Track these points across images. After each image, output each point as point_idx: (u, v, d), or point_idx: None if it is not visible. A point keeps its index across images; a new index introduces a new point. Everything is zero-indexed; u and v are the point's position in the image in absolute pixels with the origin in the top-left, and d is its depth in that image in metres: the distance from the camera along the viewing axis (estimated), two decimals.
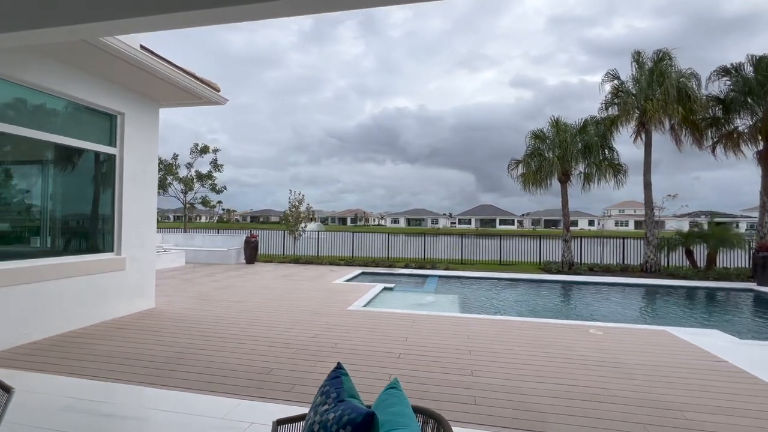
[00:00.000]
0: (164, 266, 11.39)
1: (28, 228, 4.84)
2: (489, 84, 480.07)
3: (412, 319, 5.84)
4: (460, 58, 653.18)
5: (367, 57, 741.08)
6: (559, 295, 9.00)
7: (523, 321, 5.82)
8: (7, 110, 4.47)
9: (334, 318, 5.83)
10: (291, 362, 3.98)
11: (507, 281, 10.41)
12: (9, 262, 4.36)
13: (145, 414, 2.84)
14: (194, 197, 18.47)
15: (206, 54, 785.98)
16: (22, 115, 4.64)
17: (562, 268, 12.41)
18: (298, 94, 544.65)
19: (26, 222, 4.82)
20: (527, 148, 13.84)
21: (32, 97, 4.74)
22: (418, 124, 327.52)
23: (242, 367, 3.82)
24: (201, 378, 3.54)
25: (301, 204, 16.97)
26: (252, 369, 3.78)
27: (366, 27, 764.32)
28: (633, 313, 7.37)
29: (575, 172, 13.56)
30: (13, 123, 4.49)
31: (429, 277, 10.80)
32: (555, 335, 5.10)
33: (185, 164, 17.82)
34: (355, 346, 4.55)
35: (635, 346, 4.72)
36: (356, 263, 13.15)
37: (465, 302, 7.75)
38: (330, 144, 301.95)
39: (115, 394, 3.18)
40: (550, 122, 13.41)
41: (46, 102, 4.89)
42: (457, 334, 5.11)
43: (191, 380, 3.49)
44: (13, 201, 4.74)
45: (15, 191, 4.74)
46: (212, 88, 6.54)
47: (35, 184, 4.92)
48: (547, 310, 7.45)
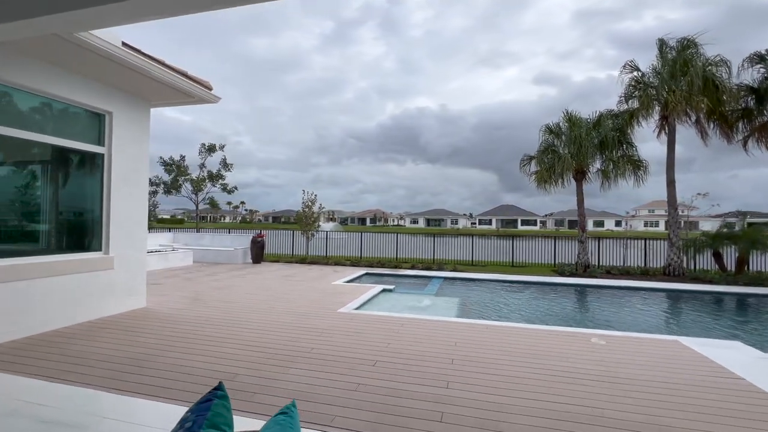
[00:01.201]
0: (171, 265, 11.54)
1: (12, 227, 4.85)
2: (511, 82, 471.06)
3: (400, 323, 5.56)
4: (482, 56, 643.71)
5: (388, 57, 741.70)
6: (567, 300, 8.48)
7: (518, 328, 5.43)
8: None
9: (321, 321, 5.63)
10: (261, 367, 3.80)
11: (514, 284, 9.94)
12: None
13: (85, 421, 2.70)
14: (205, 197, 18.83)
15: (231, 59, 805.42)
16: (6, 115, 4.67)
17: (576, 270, 11.79)
18: (320, 96, 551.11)
19: (10, 221, 4.84)
20: (540, 144, 13.25)
21: (16, 96, 4.76)
22: (439, 124, 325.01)
23: (207, 372, 3.66)
24: (159, 383, 3.40)
25: (313, 204, 17.03)
26: (217, 374, 3.61)
27: (386, 28, 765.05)
28: (646, 321, 6.81)
29: (592, 170, 12.89)
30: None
31: (433, 278, 10.47)
32: (552, 344, 4.71)
33: (198, 164, 18.20)
34: (333, 351, 4.33)
35: (640, 358, 4.28)
36: (362, 264, 12.94)
37: (464, 306, 7.39)
38: (351, 145, 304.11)
39: (65, 397, 3.07)
40: (564, 116, 12.78)
41: (30, 101, 4.91)
42: (444, 340, 4.80)
43: (149, 385, 3.35)
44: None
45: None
46: (204, 86, 6.47)
47: (20, 183, 4.94)
48: (551, 316, 6.99)
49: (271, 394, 3.22)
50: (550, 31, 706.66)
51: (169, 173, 18.13)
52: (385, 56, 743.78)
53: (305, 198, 16.50)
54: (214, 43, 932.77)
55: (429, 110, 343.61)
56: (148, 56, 5.42)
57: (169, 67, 5.79)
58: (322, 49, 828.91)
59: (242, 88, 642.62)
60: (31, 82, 4.77)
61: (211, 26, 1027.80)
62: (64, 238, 5.42)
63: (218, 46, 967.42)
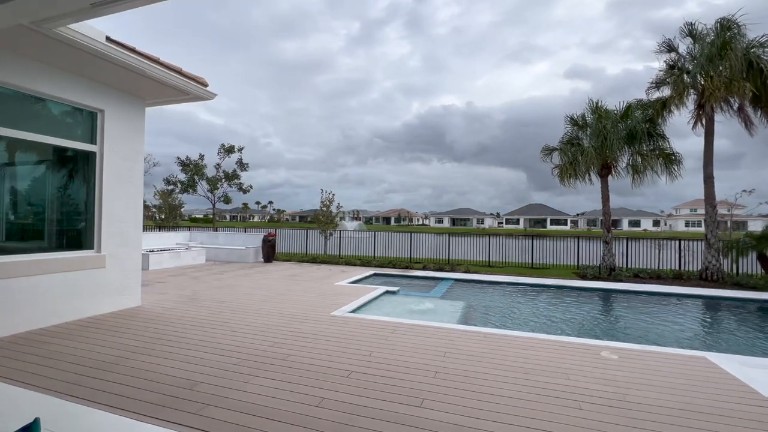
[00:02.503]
0: (183, 263, 11.68)
1: (5, 225, 4.86)
2: (541, 77, 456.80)
3: (393, 328, 5.20)
4: (510, 51, 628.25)
5: (413, 56, 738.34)
6: (584, 306, 7.79)
7: (519, 337, 4.93)
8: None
9: (309, 324, 5.35)
10: (226, 375, 3.55)
11: (529, 287, 9.31)
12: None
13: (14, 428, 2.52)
14: (222, 196, 19.13)
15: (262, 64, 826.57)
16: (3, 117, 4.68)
17: (599, 273, 10.95)
18: (347, 96, 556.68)
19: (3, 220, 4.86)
20: (563, 135, 12.42)
21: (4, 94, 4.76)
22: (466, 122, 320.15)
23: (170, 379, 3.45)
24: (118, 390, 3.21)
25: (331, 203, 16.97)
26: (177, 381, 3.40)
27: (411, 27, 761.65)
28: (670, 332, 6.07)
29: (621, 164, 11.94)
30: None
31: (443, 280, 10.00)
32: (554, 357, 4.20)
33: (214, 164, 18.54)
34: (310, 359, 4.03)
35: (657, 377, 3.72)
36: (373, 264, 12.63)
37: (469, 311, 6.90)
38: (377, 145, 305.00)
39: (10, 401, 2.92)
40: (590, 106, 11.91)
41: (19, 99, 4.91)
42: (434, 349, 4.39)
43: (106, 392, 3.18)
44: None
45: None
46: (199, 83, 6.35)
47: (9, 181, 4.96)
48: (563, 324, 6.39)
49: (223, 407, 2.95)
50: (582, 23, 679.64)
51: (186, 173, 18.59)
52: (410, 55, 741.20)
53: (323, 197, 16.57)
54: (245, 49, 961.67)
55: (455, 108, 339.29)
56: (137, 53, 5.32)
57: (162, 64, 5.69)
58: (348, 50, 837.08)
59: (272, 91, 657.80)
60: (19, 80, 4.75)
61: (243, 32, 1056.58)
62: (54, 236, 5.42)
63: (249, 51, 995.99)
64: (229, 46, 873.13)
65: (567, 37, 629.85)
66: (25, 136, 4.94)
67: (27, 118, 5.02)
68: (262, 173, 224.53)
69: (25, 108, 5.00)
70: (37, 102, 5.10)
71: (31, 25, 4.18)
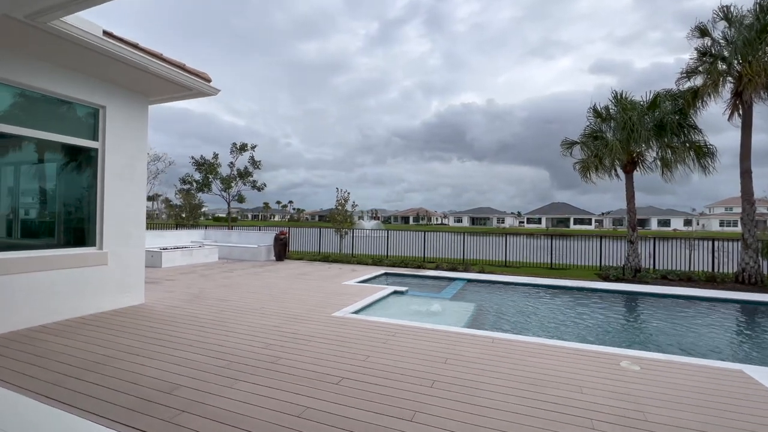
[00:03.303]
0: (196, 261, 11.75)
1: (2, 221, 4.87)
2: (565, 72, 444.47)
3: (394, 331, 4.92)
4: (532, 46, 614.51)
5: (433, 54, 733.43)
6: (606, 309, 7.27)
7: (530, 343, 4.55)
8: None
9: (307, 325, 5.15)
10: (210, 379, 3.37)
11: (546, 289, 8.82)
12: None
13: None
14: (236, 194, 19.28)
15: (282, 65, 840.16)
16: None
17: (623, 274, 10.30)
18: (366, 96, 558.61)
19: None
20: (585, 128, 11.77)
21: (5, 91, 4.76)
22: (486, 120, 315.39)
23: (150, 381, 3.29)
24: (96, 393, 3.08)
25: (346, 202, 16.87)
26: (158, 384, 3.24)
27: (431, 25, 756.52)
28: (701, 340, 5.53)
29: (648, 158, 11.20)
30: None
31: (456, 280, 9.63)
32: (567, 367, 3.83)
33: (228, 163, 18.72)
34: (301, 362, 3.81)
35: (684, 393, 3.29)
36: (385, 263, 12.37)
37: (479, 314, 6.52)
38: (396, 144, 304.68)
39: None
40: (614, 98, 11.23)
41: (20, 96, 4.90)
42: (435, 355, 4.09)
43: (84, 395, 3.05)
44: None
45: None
46: (202, 78, 6.26)
47: (8, 177, 4.96)
48: (579, 329, 5.95)
49: (198, 415, 2.75)
50: (608, 15, 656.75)
51: (200, 172, 18.86)
52: (430, 53, 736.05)
53: (338, 196, 16.51)
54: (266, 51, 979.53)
55: (475, 106, 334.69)
56: (140, 48, 5.26)
57: (165, 60, 5.62)
58: (367, 50, 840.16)
59: (292, 92, 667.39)
60: (19, 77, 4.75)
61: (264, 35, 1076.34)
62: (55, 233, 5.42)
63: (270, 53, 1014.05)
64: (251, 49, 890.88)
65: (592, 30, 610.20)
66: (26, 132, 4.94)
67: (28, 114, 5.02)
68: (283, 173, 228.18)
69: (26, 104, 5.00)
70: (38, 98, 5.09)
71: (25, 20, 4.13)
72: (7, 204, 4.93)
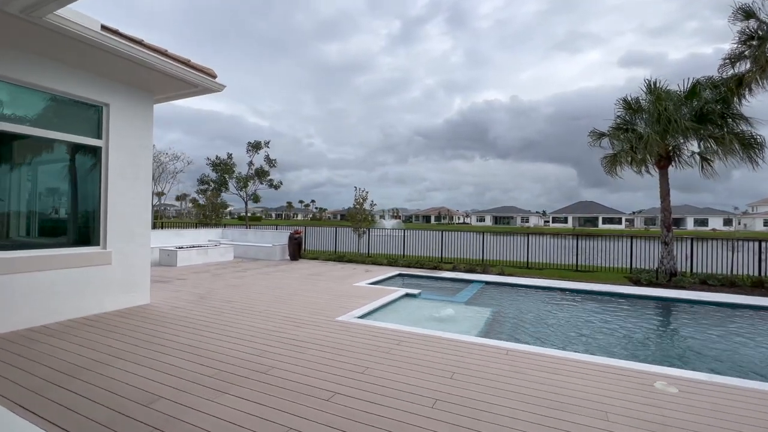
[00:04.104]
0: (211, 260, 11.77)
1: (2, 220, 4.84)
2: (593, 66, 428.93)
3: (398, 339, 4.57)
4: (558, 40, 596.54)
5: (455, 52, 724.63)
6: (638, 318, 6.63)
7: (550, 357, 4.09)
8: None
9: (308, 330, 4.87)
10: (193, 390, 3.14)
11: (571, 293, 8.23)
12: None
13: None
14: (252, 193, 19.39)
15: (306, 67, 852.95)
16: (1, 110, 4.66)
17: (656, 278, 9.52)
18: (388, 95, 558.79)
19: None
20: (615, 120, 10.98)
21: (5, 89, 4.73)
22: (510, 117, 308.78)
23: (131, 391, 3.09)
24: (71, 402, 2.90)
25: (364, 201, 16.64)
26: (138, 395, 3.03)
27: (453, 22, 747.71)
28: (753, 357, 4.88)
29: (685, 153, 10.31)
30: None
31: (473, 282, 9.16)
32: (591, 386, 3.37)
33: (247, 162, 18.86)
34: (293, 372, 3.52)
35: (731, 421, 2.79)
36: (400, 263, 12.01)
37: (495, 320, 6.06)
38: (417, 143, 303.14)
39: None
40: (646, 87, 10.40)
41: (21, 94, 4.86)
42: (442, 368, 3.71)
43: (57, 404, 2.87)
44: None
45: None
46: (207, 74, 6.11)
47: (10, 177, 4.93)
48: (608, 339, 5.40)
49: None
50: (640, 5, 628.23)
51: (216, 172, 19.10)
52: (452, 51, 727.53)
53: (357, 195, 16.31)
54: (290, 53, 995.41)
55: (498, 103, 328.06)
56: (144, 45, 5.15)
57: (169, 56, 5.49)
58: (389, 50, 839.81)
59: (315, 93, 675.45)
60: (20, 74, 4.70)
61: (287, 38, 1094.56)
62: (57, 232, 5.38)
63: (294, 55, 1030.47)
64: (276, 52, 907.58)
65: (622, 22, 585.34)
66: (28, 131, 4.89)
67: (29, 112, 4.97)
68: (306, 173, 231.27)
69: (27, 103, 4.95)
70: (40, 96, 5.04)
71: (21, 15, 4.04)
72: (8, 203, 4.90)
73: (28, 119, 4.94)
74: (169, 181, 21.42)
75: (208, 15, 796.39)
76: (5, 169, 4.85)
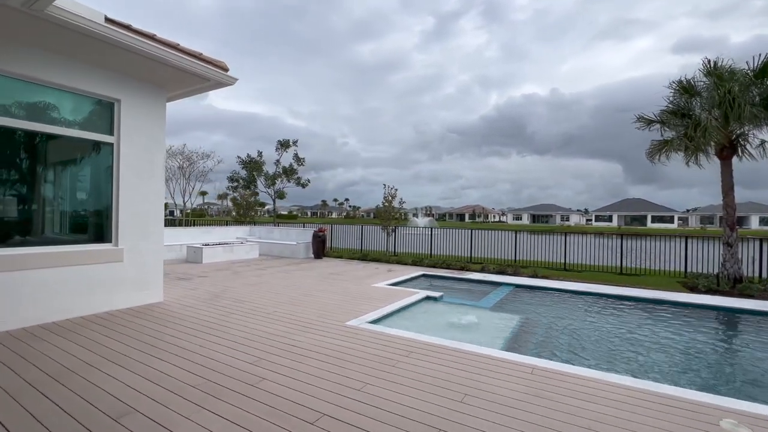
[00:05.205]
0: (236, 257, 11.84)
1: (9, 216, 4.86)
2: (642, 54, 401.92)
3: (409, 349, 4.11)
4: (602, 29, 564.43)
5: (491, 46, 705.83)
6: (696, 333, 5.70)
7: (582, 378, 3.46)
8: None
9: (313, 336, 4.52)
10: (172, 402, 2.86)
11: (614, 300, 7.35)
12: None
13: None
14: (279, 191, 19.54)
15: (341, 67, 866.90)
16: (9, 107, 4.68)
17: (717, 284, 8.34)
18: (421, 93, 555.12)
19: (10, 211, 4.86)
20: (667, 105, 9.77)
21: (17, 86, 4.74)
22: (549, 111, 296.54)
23: (105, 401, 2.86)
24: (44, 412, 2.71)
25: (393, 199, 16.27)
26: (112, 407, 2.79)
27: (488, 15, 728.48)
28: None
29: (754, 141, 8.97)
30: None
31: (502, 285, 8.47)
32: (635, 423, 2.74)
33: (274, 161, 19.02)
34: (284, 386, 3.17)
35: None
36: (425, 263, 11.47)
37: (522, 330, 5.41)
38: (451, 140, 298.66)
39: None
40: (704, 68, 9.15)
41: (30, 90, 4.87)
42: (452, 387, 3.21)
43: (30, 415, 2.69)
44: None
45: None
46: (218, 67, 5.94)
47: (21, 173, 4.95)
48: (658, 360, 4.62)
49: None
50: None
51: (246, 170, 19.41)
52: (487, 45, 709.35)
53: (386, 193, 15.96)
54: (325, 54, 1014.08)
55: (537, 97, 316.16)
56: (156, 39, 5.05)
57: (180, 50, 5.36)
58: (423, 47, 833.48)
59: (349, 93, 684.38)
60: (29, 71, 4.70)
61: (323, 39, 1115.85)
62: (69, 228, 5.38)
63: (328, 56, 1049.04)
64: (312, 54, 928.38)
65: (674, 5, 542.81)
66: (37, 127, 4.90)
67: (39, 109, 4.98)
68: (340, 172, 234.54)
69: (37, 99, 4.96)
70: (50, 92, 5.03)
71: (22, 8, 3.98)
72: (19, 200, 4.93)
73: (37, 116, 4.94)
74: (200, 180, 22.11)
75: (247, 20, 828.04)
76: (14, 167, 4.87)
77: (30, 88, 4.85)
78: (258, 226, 16.06)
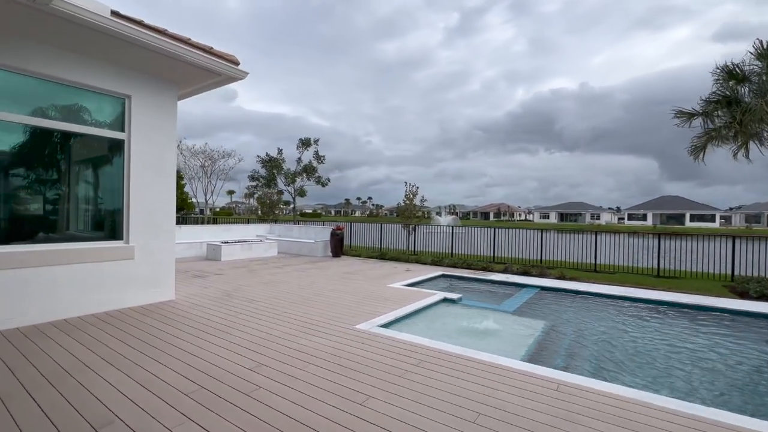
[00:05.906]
0: (254, 255, 11.84)
1: (18, 213, 4.87)
2: (680, 43, 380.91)
3: (420, 357, 3.78)
4: (636, 18, 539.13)
5: (518, 40, 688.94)
6: (749, 347, 5.04)
7: (615, 397, 3.01)
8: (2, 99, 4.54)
9: (319, 339, 4.28)
10: (158, 412, 2.67)
11: (650, 305, 6.72)
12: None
13: None
14: (298, 189, 19.54)
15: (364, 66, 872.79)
16: (18, 102, 4.69)
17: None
18: (446, 90, 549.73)
19: (21, 209, 4.87)
20: (711, 94, 8.91)
21: (28, 83, 4.74)
22: (579, 106, 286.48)
23: (89, 409, 2.70)
24: (27, 421, 2.57)
25: (414, 197, 15.93)
26: (94, 417, 2.62)
27: (515, 9, 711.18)
28: None
29: None
30: (10, 111, 4.58)
31: (525, 287, 7.97)
32: None
33: (295, 159, 19.03)
34: (277, 398, 2.92)
35: None
36: (445, 263, 11.06)
37: (547, 339, 4.94)
38: (476, 137, 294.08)
39: None
40: (755, 50, 8.27)
41: (41, 87, 4.86)
42: (463, 404, 2.86)
43: (11, 421, 2.55)
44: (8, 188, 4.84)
45: (9, 178, 4.83)
46: (229, 61, 5.81)
47: (31, 170, 4.96)
48: (703, 377, 4.07)
49: None
50: None
51: (266, 168, 19.51)
52: (514, 40, 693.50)
53: (407, 190, 15.62)
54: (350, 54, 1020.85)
55: (566, 91, 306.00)
56: (168, 35, 4.97)
57: (191, 44, 5.27)
58: (447, 44, 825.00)
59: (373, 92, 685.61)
60: (40, 67, 4.68)
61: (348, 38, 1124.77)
62: (79, 226, 5.36)
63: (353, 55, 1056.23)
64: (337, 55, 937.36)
65: None
66: (48, 124, 4.89)
67: (49, 105, 4.96)
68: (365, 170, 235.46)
69: (47, 95, 4.94)
70: (60, 89, 5.01)
71: (27, 2, 3.92)
72: (29, 198, 4.94)
73: (47, 113, 4.94)
74: (221, 178, 22.47)
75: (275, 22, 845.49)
76: (23, 164, 4.88)
77: (40, 85, 4.84)
78: (278, 225, 16.08)
